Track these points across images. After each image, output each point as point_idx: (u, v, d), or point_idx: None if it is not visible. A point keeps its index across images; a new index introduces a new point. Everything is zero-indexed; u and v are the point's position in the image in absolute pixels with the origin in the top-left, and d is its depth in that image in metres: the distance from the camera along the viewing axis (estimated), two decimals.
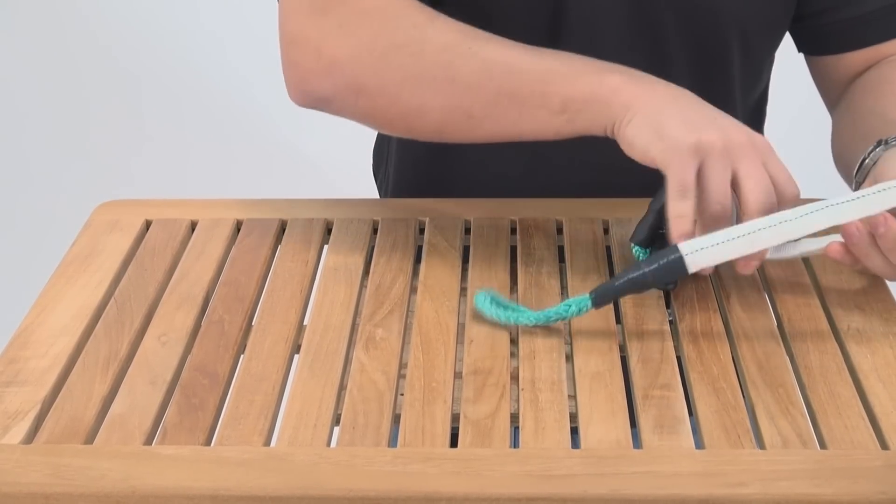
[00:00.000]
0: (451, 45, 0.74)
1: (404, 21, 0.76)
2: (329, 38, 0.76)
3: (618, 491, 0.61)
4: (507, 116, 0.74)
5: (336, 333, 0.75)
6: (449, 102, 0.74)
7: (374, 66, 0.75)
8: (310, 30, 0.77)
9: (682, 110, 0.71)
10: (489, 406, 0.68)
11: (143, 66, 2.69)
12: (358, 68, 0.75)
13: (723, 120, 0.72)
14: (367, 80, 0.76)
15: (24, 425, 0.67)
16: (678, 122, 0.70)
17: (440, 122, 0.77)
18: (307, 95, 0.78)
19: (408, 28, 0.75)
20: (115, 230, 0.88)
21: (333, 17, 0.76)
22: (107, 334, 0.76)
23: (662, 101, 0.72)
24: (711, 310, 0.76)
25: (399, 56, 0.74)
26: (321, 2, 0.77)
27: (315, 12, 0.77)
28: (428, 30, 0.75)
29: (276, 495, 0.61)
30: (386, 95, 0.76)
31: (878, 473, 0.61)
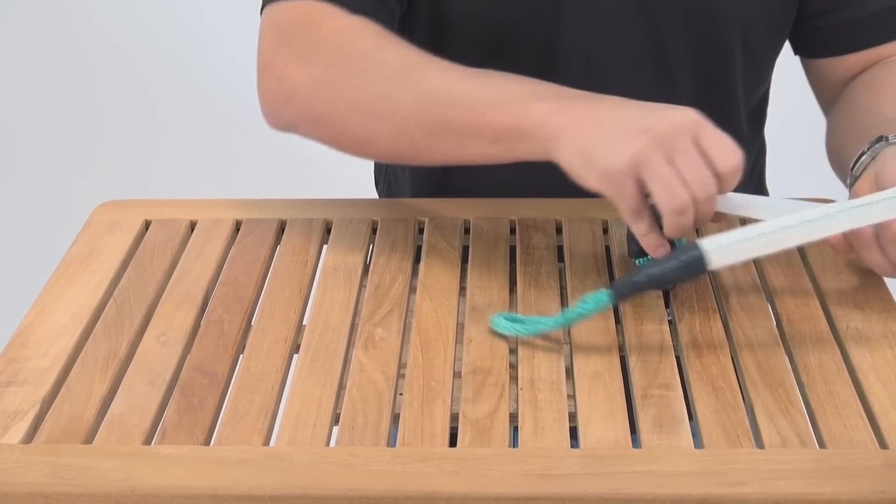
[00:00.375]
0: (393, 75, 0.77)
1: (355, 49, 0.78)
2: (290, 67, 0.79)
3: (617, 490, 0.61)
4: (447, 144, 0.76)
5: (335, 333, 0.75)
6: (393, 132, 0.77)
7: (326, 95, 0.78)
8: (276, 58, 0.80)
9: (605, 130, 0.70)
10: (488, 406, 0.68)
11: (144, 67, 2.69)
12: (313, 98, 0.79)
13: (647, 118, 0.70)
14: (321, 108, 0.79)
15: (24, 425, 0.67)
16: (604, 146, 0.70)
17: (389, 150, 0.79)
18: (276, 121, 0.82)
19: (356, 57, 0.78)
20: (114, 230, 0.88)
21: (295, 46, 0.80)
22: (106, 334, 0.76)
23: (586, 125, 0.71)
24: (711, 310, 0.76)
25: (347, 86, 0.77)
26: (287, 30, 0.81)
27: (281, 40, 0.81)
28: (376, 58, 0.78)
29: (275, 495, 0.62)
30: (338, 123, 0.79)
31: (877, 473, 0.61)
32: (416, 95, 0.76)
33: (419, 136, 0.76)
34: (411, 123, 0.76)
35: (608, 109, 0.72)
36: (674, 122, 0.70)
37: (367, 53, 0.78)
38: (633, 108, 0.72)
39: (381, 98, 0.76)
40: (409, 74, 0.76)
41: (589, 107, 0.72)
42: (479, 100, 0.74)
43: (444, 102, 0.75)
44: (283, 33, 0.81)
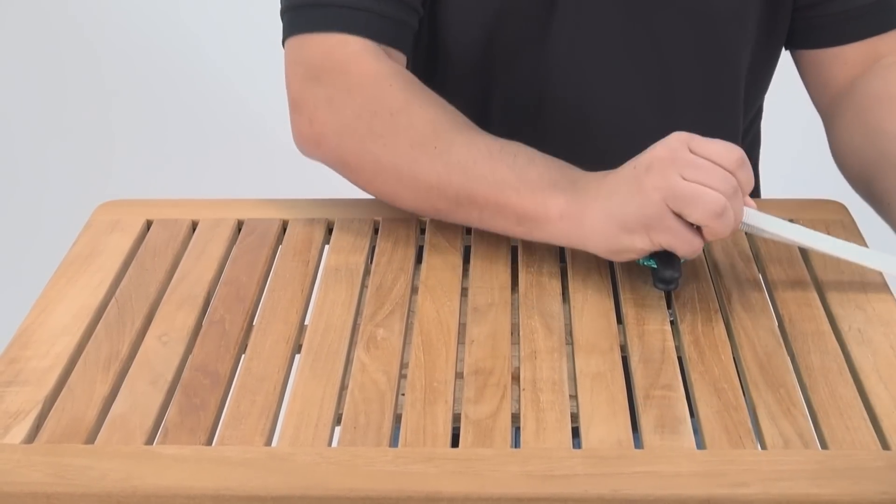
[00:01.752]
0: (419, 142, 0.78)
1: (384, 104, 0.80)
2: (319, 111, 0.82)
3: (619, 491, 0.61)
4: (471, 217, 0.80)
5: (337, 333, 0.75)
6: (418, 197, 0.80)
7: (353, 148, 0.81)
8: (306, 97, 0.82)
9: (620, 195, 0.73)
10: (490, 406, 0.68)
11: (145, 66, 2.69)
12: (341, 146, 0.81)
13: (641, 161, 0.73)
14: (349, 158, 0.81)
15: (26, 425, 0.67)
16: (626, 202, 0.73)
17: (413, 209, 0.83)
18: (307, 155, 0.85)
19: (385, 115, 0.79)
20: (115, 230, 0.88)
21: (324, 89, 0.82)
22: (108, 334, 0.76)
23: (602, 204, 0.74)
24: (712, 310, 0.76)
25: (374, 144, 0.80)
26: (314, 69, 0.82)
27: (309, 79, 0.82)
28: (403, 120, 0.79)
29: (277, 495, 0.61)
30: (365, 176, 0.82)
31: (880, 474, 0.61)
32: (440, 167, 0.78)
33: (442, 205, 0.79)
34: (435, 193, 0.79)
35: (613, 179, 0.74)
36: (664, 147, 0.72)
37: (394, 113, 0.79)
38: (629, 166, 0.74)
39: (406, 164, 0.79)
40: (436, 142, 0.78)
41: (600, 186, 0.75)
42: (500, 180, 0.76)
43: (467, 177, 0.77)
44: (311, 72, 0.82)
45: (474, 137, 0.79)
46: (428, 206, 0.81)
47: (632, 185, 0.73)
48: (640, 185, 0.72)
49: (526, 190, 0.76)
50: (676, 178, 0.71)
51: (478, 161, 0.77)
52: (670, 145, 0.72)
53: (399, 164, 0.79)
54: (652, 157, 0.72)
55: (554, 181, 0.76)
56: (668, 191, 0.71)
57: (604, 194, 0.74)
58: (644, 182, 0.72)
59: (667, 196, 0.71)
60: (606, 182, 0.75)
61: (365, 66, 0.81)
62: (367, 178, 0.82)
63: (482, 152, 0.77)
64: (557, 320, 0.76)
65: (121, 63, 2.70)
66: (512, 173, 0.76)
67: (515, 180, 0.76)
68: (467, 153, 0.77)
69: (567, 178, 0.76)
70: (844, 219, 0.87)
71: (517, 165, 0.77)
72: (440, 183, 0.78)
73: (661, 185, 0.71)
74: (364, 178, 0.82)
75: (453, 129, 0.79)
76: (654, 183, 0.71)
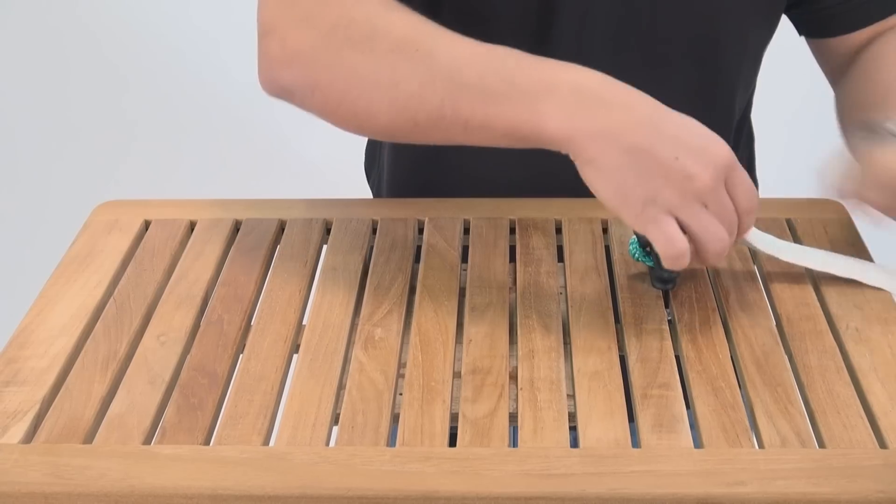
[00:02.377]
0: (400, 44, 0.72)
1: (362, 11, 0.74)
2: (293, 29, 0.76)
3: (616, 490, 0.61)
4: (452, 130, 0.72)
5: (335, 333, 0.75)
6: (394, 107, 0.72)
7: (328, 61, 0.74)
8: (279, 19, 0.76)
9: (638, 166, 0.67)
10: (488, 405, 0.68)
11: (144, 66, 2.69)
12: (315, 62, 0.75)
13: (683, 156, 0.67)
14: (322, 75, 0.74)
15: (24, 425, 0.67)
16: (640, 188, 0.67)
17: (388, 126, 0.74)
18: (273, 84, 0.78)
19: (362, 20, 0.73)
20: (114, 230, 0.88)
21: (300, 7, 0.76)
22: (106, 334, 0.76)
23: (614, 152, 0.67)
24: (710, 309, 0.76)
25: (351, 53, 0.73)
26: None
27: (284, 2, 0.77)
28: (382, 21, 0.73)
29: (274, 494, 0.62)
30: (337, 92, 0.74)
31: (877, 472, 0.62)
32: (423, 72, 0.71)
33: (422, 117, 0.72)
34: (415, 102, 0.72)
35: (634, 127, 0.67)
36: (712, 172, 0.67)
37: (372, 16, 0.74)
38: (664, 131, 0.67)
39: (386, 69, 0.72)
40: (418, 45, 0.72)
41: (609, 117, 0.67)
42: (490, 89, 0.69)
43: (452, 84, 0.70)
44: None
45: (457, 41, 0.72)
46: (405, 120, 0.73)
47: (656, 169, 0.67)
48: (666, 181, 0.67)
49: (517, 101, 0.69)
50: (693, 202, 0.68)
51: (461, 66, 0.70)
52: (717, 166, 0.67)
53: (378, 69, 0.72)
54: (697, 167, 0.67)
55: (550, 86, 0.68)
56: (683, 209, 0.68)
57: (615, 135, 0.67)
58: (671, 184, 0.67)
59: (679, 210, 0.68)
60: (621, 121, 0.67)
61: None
62: (338, 94, 0.74)
63: (466, 54, 0.71)
64: (555, 320, 0.76)
65: (120, 63, 2.70)
66: (497, 77, 0.69)
67: (503, 85, 0.69)
68: (450, 59, 0.71)
69: (570, 84, 0.68)
70: (843, 218, 0.87)
71: (505, 68, 0.70)
72: (423, 90, 0.71)
73: (681, 203, 0.68)
74: (335, 96, 0.74)
75: (435, 33, 0.73)
76: (672, 192, 0.67)
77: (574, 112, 0.67)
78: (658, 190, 0.67)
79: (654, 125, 0.67)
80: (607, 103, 0.68)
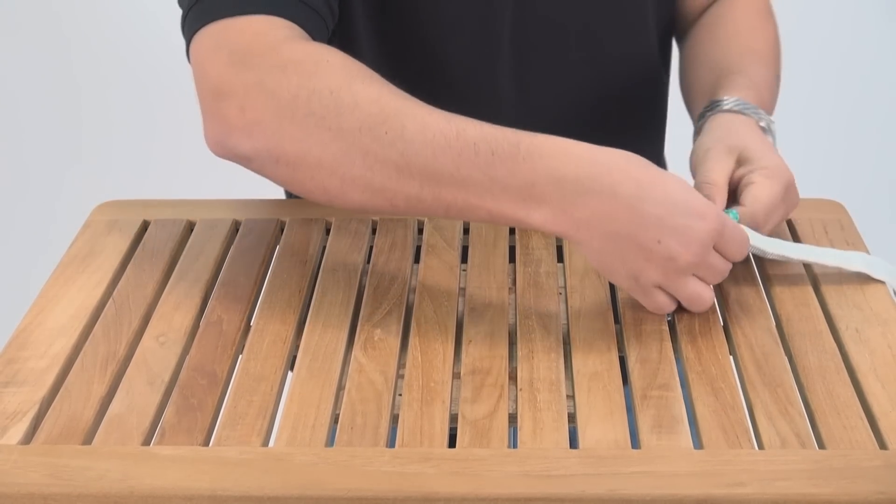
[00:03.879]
0: (367, 124, 0.69)
1: (322, 82, 0.71)
2: (252, 96, 0.72)
3: (616, 491, 0.61)
4: (433, 212, 0.71)
5: (334, 334, 0.75)
6: (370, 190, 0.70)
7: (294, 134, 0.71)
8: (233, 83, 0.72)
9: (621, 251, 0.70)
10: (487, 406, 0.68)
11: (144, 67, 2.69)
12: (279, 134, 0.71)
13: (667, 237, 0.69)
14: (288, 148, 0.71)
15: (23, 426, 0.67)
16: (625, 270, 0.71)
17: (363, 205, 0.72)
18: (227, 150, 0.74)
19: (324, 93, 0.70)
20: (113, 230, 0.88)
21: (254, 72, 0.72)
22: (105, 334, 0.76)
23: (598, 239, 0.69)
24: (710, 310, 0.76)
25: (317, 129, 0.70)
26: (241, 54, 0.73)
27: (235, 64, 0.73)
28: (344, 97, 0.70)
29: (274, 495, 0.62)
30: (306, 168, 0.71)
31: (877, 473, 0.61)
32: (397, 157, 0.69)
33: (400, 200, 0.71)
34: (393, 185, 0.70)
35: (615, 215, 0.68)
36: (696, 249, 0.70)
37: (334, 87, 0.70)
38: (646, 214, 0.68)
39: (357, 151, 0.69)
40: (387, 124, 0.69)
41: (590, 207, 0.68)
42: (470, 182, 0.68)
43: (431, 174, 0.69)
44: (237, 56, 0.73)
45: (425, 119, 0.69)
46: (382, 201, 0.71)
47: (632, 252, 0.69)
48: (636, 262, 0.70)
49: (499, 194, 0.68)
50: (681, 277, 0.72)
51: (437, 154, 0.68)
52: (703, 243, 0.70)
53: (349, 151, 0.69)
54: (681, 250, 0.69)
55: (530, 183, 0.68)
56: (671, 284, 0.72)
57: (597, 225, 0.69)
58: (642, 264, 0.70)
59: (668, 285, 0.72)
60: (603, 212, 0.68)
61: (297, 45, 0.74)
62: (308, 171, 0.71)
63: (440, 141, 0.68)
64: (555, 320, 0.76)
65: (121, 63, 2.70)
66: (477, 170, 0.68)
67: (484, 179, 0.68)
68: (423, 144, 0.68)
69: (550, 178, 0.68)
70: (843, 218, 0.87)
71: (481, 160, 0.68)
72: (399, 176, 0.69)
73: (664, 277, 0.71)
74: (305, 172, 0.71)
75: (402, 110, 0.70)
76: (658, 272, 0.71)
77: (556, 206, 0.68)
78: (641, 271, 0.71)
79: (636, 209, 0.68)
80: (588, 192, 0.68)
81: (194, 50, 0.76)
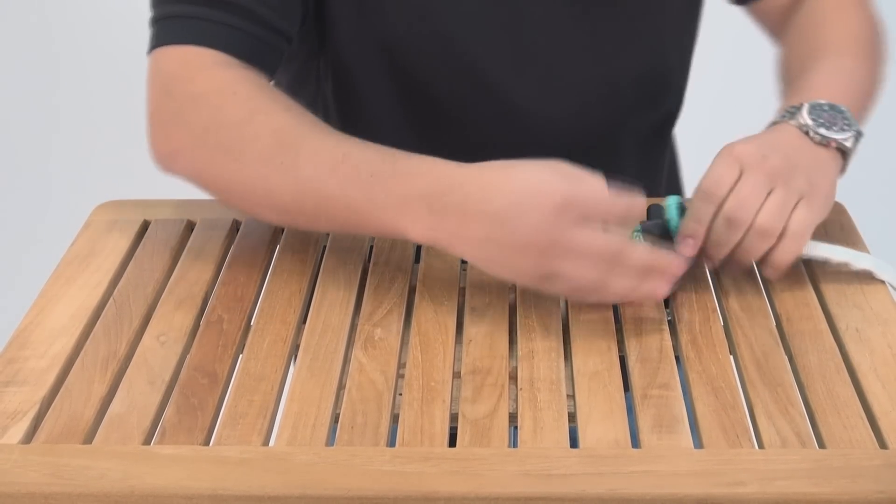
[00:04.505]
0: (267, 157, 0.75)
1: (229, 116, 0.77)
2: (172, 125, 0.79)
3: (616, 490, 0.61)
4: (333, 228, 0.78)
5: (335, 333, 0.75)
6: (275, 211, 0.77)
7: (205, 163, 0.78)
8: (161, 111, 0.80)
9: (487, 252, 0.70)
10: (488, 406, 0.68)
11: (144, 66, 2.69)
12: (194, 162, 0.78)
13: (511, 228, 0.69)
14: (203, 174, 0.78)
15: (23, 425, 0.67)
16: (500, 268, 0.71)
17: (278, 222, 0.81)
18: (165, 170, 0.81)
19: (230, 127, 0.76)
20: (113, 230, 0.88)
21: (174, 102, 0.79)
22: (105, 334, 0.76)
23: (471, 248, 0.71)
24: (710, 309, 0.76)
25: (224, 159, 0.76)
26: (168, 81, 0.80)
27: (164, 93, 0.80)
28: (248, 131, 0.76)
29: (274, 495, 0.62)
30: (221, 192, 0.79)
31: (877, 472, 0.61)
32: (292, 184, 0.74)
33: (302, 221, 0.77)
34: (293, 208, 0.76)
35: (473, 224, 0.70)
36: (543, 225, 0.68)
37: (239, 124, 0.76)
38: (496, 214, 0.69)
39: (259, 181, 0.76)
40: (283, 155, 0.75)
41: (454, 221, 0.70)
42: (353, 203, 0.73)
43: (320, 197, 0.74)
44: (165, 85, 0.80)
45: (317, 147, 0.75)
46: (289, 220, 0.79)
47: (501, 253, 0.70)
48: (511, 261, 0.70)
49: (379, 211, 0.72)
50: (554, 260, 0.69)
51: (324, 179, 0.73)
52: (548, 221, 0.68)
53: (251, 182, 0.76)
54: (528, 235, 0.68)
55: (403, 199, 0.71)
56: (546, 273, 0.70)
57: (468, 237, 0.70)
58: (516, 260, 0.70)
59: (546, 275, 0.70)
60: (468, 225, 0.70)
61: (212, 75, 0.79)
62: (223, 195, 0.79)
63: (327, 166, 0.73)
64: (555, 320, 0.76)
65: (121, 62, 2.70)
66: (359, 192, 0.72)
67: (364, 201, 0.72)
68: (314, 170, 0.74)
69: (418, 194, 0.71)
70: (843, 220, 0.87)
71: (362, 181, 0.72)
72: (295, 202, 0.75)
73: (539, 267, 0.70)
74: (222, 196, 0.79)
75: (297, 140, 0.75)
76: (531, 263, 0.69)
77: (427, 221, 0.71)
78: (521, 267, 0.70)
79: (486, 213, 0.69)
80: (446, 206, 0.70)
81: (147, 74, 0.82)
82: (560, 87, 0.93)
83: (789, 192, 0.74)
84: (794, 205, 0.75)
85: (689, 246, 0.76)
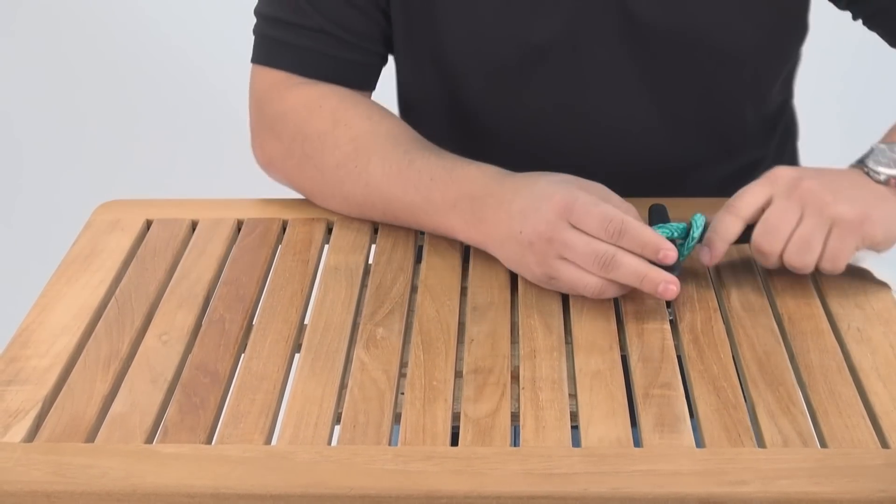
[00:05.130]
0: (342, 163, 0.85)
1: (311, 128, 0.87)
2: (266, 138, 0.90)
3: (618, 489, 0.61)
4: (400, 224, 0.86)
5: (337, 332, 0.75)
6: (351, 210, 0.87)
7: (294, 171, 0.89)
8: (256, 126, 0.91)
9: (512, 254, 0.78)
10: (490, 405, 0.68)
11: (144, 65, 2.69)
12: (285, 170, 0.89)
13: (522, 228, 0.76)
14: (293, 179, 0.90)
15: (26, 424, 0.67)
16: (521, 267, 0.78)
17: (358, 216, 0.88)
18: (266, 173, 0.92)
19: (314, 137, 0.86)
20: (115, 230, 0.88)
21: (266, 117, 0.90)
22: (108, 333, 0.76)
23: (498, 247, 0.79)
24: (712, 309, 0.76)
25: (308, 167, 0.87)
26: (260, 98, 0.90)
27: (257, 108, 0.91)
28: (329, 140, 0.86)
29: (276, 493, 0.62)
30: (307, 193, 0.90)
31: (879, 472, 0.61)
32: (361, 188, 0.84)
33: (377, 216, 0.86)
34: (364, 209, 0.86)
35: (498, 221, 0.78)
36: (544, 222, 0.75)
37: (321, 135, 0.86)
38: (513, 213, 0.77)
39: (336, 186, 0.86)
40: (356, 161, 0.84)
41: (487, 219, 0.79)
42: (413, 205, 0.82)
43: (385, 199, 0.84)
44: (258, 101, 0.90)
45: (388, 154, 0.84)
46: (364, 217, 0.87)
47: (517, 251, 0.77)
48: (524, 258, 0.77)
49: (433, 212, 0.81)
50: (553, 261, 0.75)
51: (391, 182, 0.83)
52: (548, 220, 0.74)
53: (329, 185, 0.86)
54: (533, 232, 0.75)
55: (454, 202, 0.80)
56: (547, 272, 0.76)
57: (497, 238, 0.79)
58: (527, 257, 0.76)
59: (548, 274, 0.76)
60: (500, 225, 0.78)
61: (299, 92, 0.88)
62: (311, 198, 0.89)
63: (393, 171, 0.83)
64: (557, 319, 0.76)
65: (122, 62, 2.70)
66: (418, 194, 0.82)
67: (422, 202, 0.82)
68: (381, 174, 0.83)
69: (467, 196, 0.80)
70: None
71: (422, 185, 0.81)
72: (366, 202, 0.85)
73: (541, 265, 0.76)
74: (310, 198, 0.89)
75: (371, 146, 0.84)
76: (535, 260, 0.76)
77: (469, 220, 0.80)
78: (527, 264, 0.77)
79: (508, 211, 0.77)
80: (484, 206, 0.79)
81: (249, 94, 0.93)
82: (612, 133, 0.91)
83: (820, 221, 0.74)
84: (824, 234, 0.74)
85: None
